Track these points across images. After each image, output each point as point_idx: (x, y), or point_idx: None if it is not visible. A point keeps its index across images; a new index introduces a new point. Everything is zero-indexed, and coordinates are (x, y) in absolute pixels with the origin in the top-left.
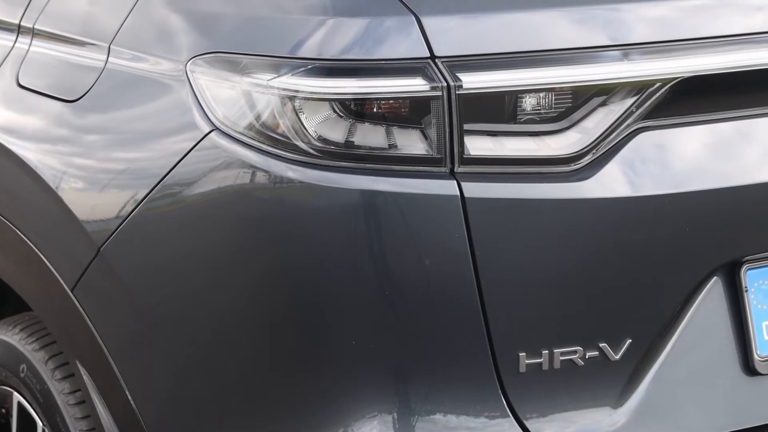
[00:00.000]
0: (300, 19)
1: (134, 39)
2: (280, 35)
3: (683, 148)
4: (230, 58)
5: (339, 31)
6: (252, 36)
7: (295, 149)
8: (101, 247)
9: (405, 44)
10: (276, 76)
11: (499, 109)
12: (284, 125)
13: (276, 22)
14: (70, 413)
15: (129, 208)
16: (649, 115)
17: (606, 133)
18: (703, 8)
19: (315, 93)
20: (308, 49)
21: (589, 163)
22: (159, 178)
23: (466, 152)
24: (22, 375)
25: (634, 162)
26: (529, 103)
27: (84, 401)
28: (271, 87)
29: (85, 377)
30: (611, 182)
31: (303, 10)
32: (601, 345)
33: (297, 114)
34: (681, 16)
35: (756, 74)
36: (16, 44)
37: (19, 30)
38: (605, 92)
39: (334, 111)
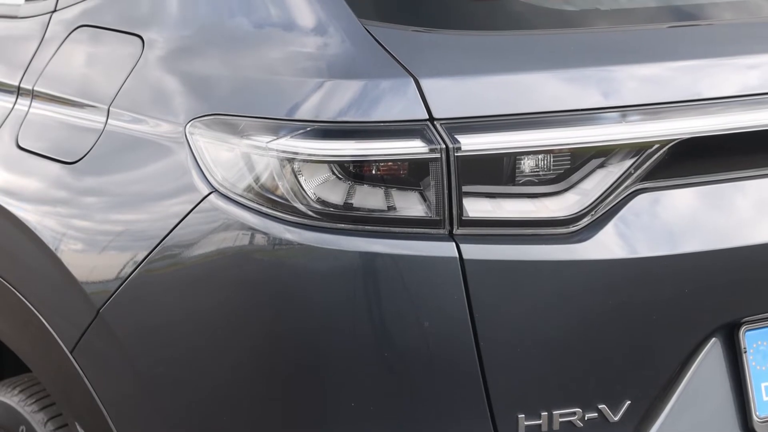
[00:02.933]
0: (298, 81)
1: (133, 101)
2: (279, 97)
3: (682, 210)
4: (229, 120)
5: (338, 93)
6: (250, 98)
7: (294, 211)
8: (100, 308)
9: (403, 106)
10: (275, 138)
11: (498, 171)
12: (283, 187)
13: (274, 85)
14: None
15: (128, 270)
16: (648, 176)
17: (604, 195)
18: (700, 69)
19: (314, 155)
20: (307, 111)
21: (587, 224)
22: (158, 240)
23: (464, 214)
24: None
25: (632, 223)
26: (527, 164)
27: None
28: (270, 149)
29: None
30: (610, 244)
31: (299, 73)
32: (600, 406)
33: (296, 176)
34: (678, 78)
35: (754, 135)
36: (16, 106)
37: (18, 92)
38: (604, 154)
39: (333, 173)
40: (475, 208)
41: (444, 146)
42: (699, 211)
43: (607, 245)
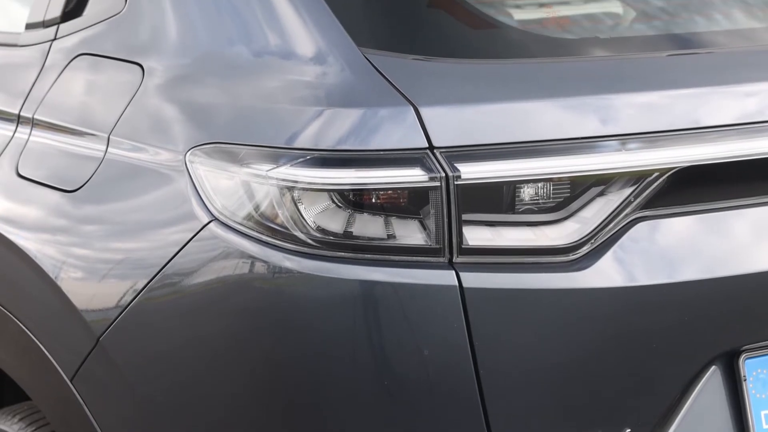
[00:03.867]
0: (298, 110)
1: (133, 129)
2: (279, 126)
3: (681, 238)
4: (229, 148)
5: (338, 121)
6: (250, 126)
7: (294, 239)
8: (100, 336)
9: (403, 134)
10: (275, 166)
11: (498, 200)
12: (283, 215)
13: (274, 113)
14: None
15: (128, 298)
16: (648, 204)
17: (604, 223)
18: (699, 97)
19: (314, 183)
20: (307, 140)
21: (587, 253)
22: (158, 268)
23: (464, 242)
24: None
25: (632, 251)
26: (527, 193)
27: None
28: (270, 177)
29: None
30: (609, 272)
31: (298, 101)
32: None
33: (296, 204)
34: (678, 106)
35: (753, 163)
36: (16, 134)
37: (18, 120)
38: (603, 182)
39: (333, 201)
40: (475, 236)
41: (444, 175)
42: (698, 239)
43: (606, 273)
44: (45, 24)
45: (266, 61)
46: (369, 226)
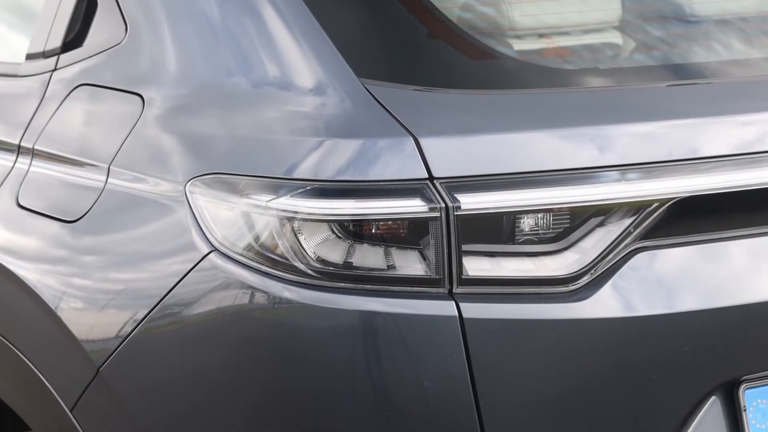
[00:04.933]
0: (298, 140)
1: (134, 160)
2: (279, 156)
3: (681, 268)
4: (229, 179)
5: (338, 151)
6: (250, 157)
7: (294, 270)
8: (101, 367)
9: (403, 165)
10: (275, 197)
11: (497, 230)
12: (283, 246)
13: (274, 144)
14: None
15: (128, 329)
16: (647, 234)
17: (604, 254)
18: (699, 127)
19: (314, 214)
20: (307, 170)
21: (587, 283)
22: (158, 299)
23: (464, 273)
24: None
25: (632, 282)
26: (527, 223)
27: None
28: (270, 208)
29: None
30: (609, 303)
31: (298, 132)
32: None
33: (296, 235)
34: (678, 136)
35: (753, 194)
36: (16, 164)
37: (19, 150)
38: (603, 212)
39: (333, 232)
40: (475, 267)
41: (444, 205)
42: (698, 269)
43: (606, 304)
44: (45, 54)
45: (266, 92)
46: (369, 257)
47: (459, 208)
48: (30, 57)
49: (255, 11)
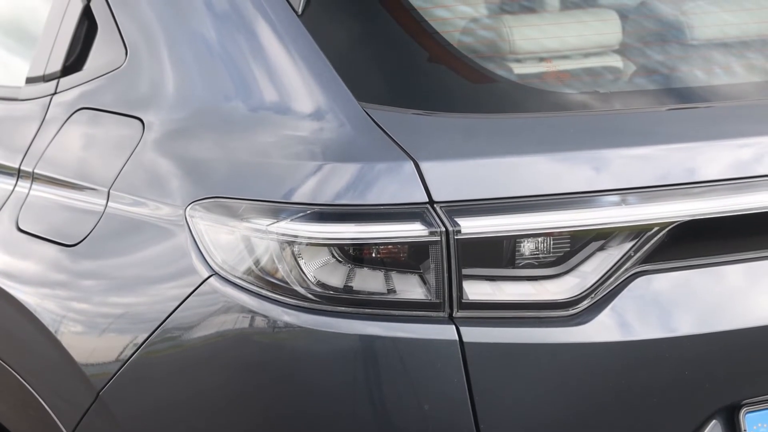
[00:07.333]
0: (298, 165)
1: (133, 184)
2: (279, 180)
3: (681, 292)
4: (229, 203)
5: (338, 176)
6: (251, 181)
7: (294, 294)
8: (100, 391)
9: (403, 189)
10: (275, 221)
11: (498, 254)
12: (283, 270)
13: (274, 168)
14: None
15: (128, 353)
16: (648, 258)
17: (604, 278)
18: (699, 151)
19: (314, 238)
20: (307, 194)
21: (587, 307)
22: (158, 323)
23: (464, 297)
24: None
25: (632, 306)
26: (527, 247)
27: None
28: (270, 232)
29: None
30: (610, 327)
31: (298, 156)
32: None
33: (296, 259)
34: (678, 160)
35: (753, 218)
36: (16, 188)
37: (18, 174)
38: (603, 236)
39: (333, 256)
40: (475, 291)
41: (444, 229)
42: (698, 294)
43: (606, 328)
44: (45, 78)
45: (268, 116)
46: (369, 281)
47: (459, 232)
48: (30, 80)
49: (255, 35)
